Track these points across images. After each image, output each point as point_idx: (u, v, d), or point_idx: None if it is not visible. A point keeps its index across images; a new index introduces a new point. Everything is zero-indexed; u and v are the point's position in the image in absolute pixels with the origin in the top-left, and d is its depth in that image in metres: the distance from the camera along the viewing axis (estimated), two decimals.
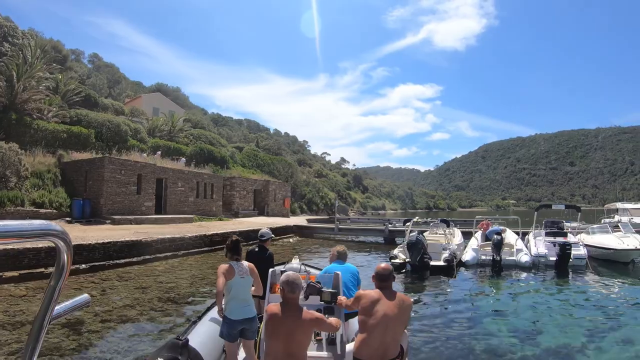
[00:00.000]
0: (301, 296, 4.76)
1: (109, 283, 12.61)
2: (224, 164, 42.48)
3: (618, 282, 15.46)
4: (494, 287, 14.63)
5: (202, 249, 20.20)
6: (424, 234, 19.41)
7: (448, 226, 21.63)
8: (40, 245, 12.67)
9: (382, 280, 4.44)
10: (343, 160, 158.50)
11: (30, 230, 1.08)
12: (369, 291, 4.42)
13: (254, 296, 5.58)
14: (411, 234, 17.17)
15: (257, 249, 7.61)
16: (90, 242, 14.76)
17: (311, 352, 4.48)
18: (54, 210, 21.49)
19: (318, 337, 4.89)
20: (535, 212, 23.82)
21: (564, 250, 17.21)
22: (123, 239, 16.05)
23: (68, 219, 21.21)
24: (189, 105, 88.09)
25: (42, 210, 20.86)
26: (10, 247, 12.08)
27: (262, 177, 45.68)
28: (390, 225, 29.91)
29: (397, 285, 11.88)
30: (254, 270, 5.55)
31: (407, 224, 21.92)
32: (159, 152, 34.41)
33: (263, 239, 7.75)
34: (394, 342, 4.22)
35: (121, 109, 44.93)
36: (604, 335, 9.04)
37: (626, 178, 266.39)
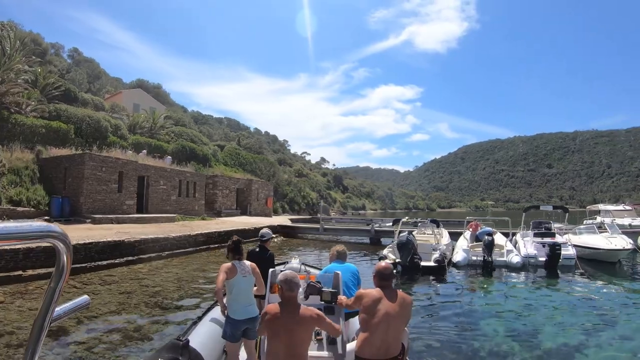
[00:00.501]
0: (301, 296, 4.83)
1: (91, 287, 11.99)
2: (206, 162, 41.83)
3: (608, 281, 15.74)
4: (488, 287, 14.65)
5: (187, 250, 19.65)
6: (412, 233, 19.14)
7: (438, 226, 21.53)
8: (18, 247, 11.97)
9: (383, 279, 4.48)
10: (323, 160, 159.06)
11: (30, 232, 1.07)
12: (370, 290, 4.45)
13: (255, 296, 5.60)
14: (401, 234, 17.09)
15: (257, 249, 7.60)
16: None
17: (312, 352, 4.45)
18: (32, 209, 20.59)
19: (319, 337, 4.86)
20: (524, 213, 24.26)
21: (554, 250, 17.34)
22: (105, 240, 15.38)
23: (46, 217, 20.24)
24: (170, 102, 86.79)
25: (20, 209, 19.95)
26: None
27: (244, 176, 45.07)
28: (376, 225, 29.72)
29: None
30: (256, 269, 5.59)
31: (396, 224, 21.83)
32: (144, 152, 33.63)
33: (264, 239, 7.80)
34: (395, 340, 4.27)
35: (101, 104, 43.82)
36: (601, 333, 9.25)
37: (603, 180, 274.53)
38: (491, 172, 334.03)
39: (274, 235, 7.92)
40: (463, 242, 20.64)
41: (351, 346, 4.64)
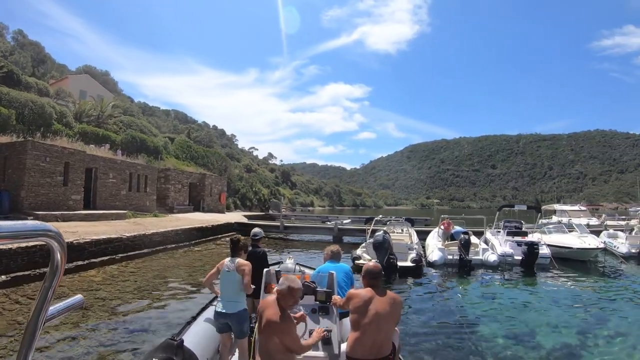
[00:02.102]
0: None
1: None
2: (157, 155, 39.37)
3: (585, 279, 16.23)
4: (470, 287, 14.77)
5: (142, 251, 17.87)
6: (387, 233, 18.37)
7: (412, 225, 21.05)
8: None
9: (373, 278, 4.47)
10: (271, 155, 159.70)
11: (24, 231, 1.09)
12: (361, 290, 4.45)
13: (248, 296, 5.73)
14: (376, 234, 16.35)
15: (250, 248, 7.42)
16: (10, 245, 12.02)
17: (307, 352, 4.34)
18: None
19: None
20: (497, 212, 24.70)
21: (532, 249, 17.61)
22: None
23: None
24: (118, 91, 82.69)
25: None
26: None
27: (197, 170, 43.02)
28: (339, 223, 29.18)
29: None
30: (243, 268, 5.54)
31: (369, 222, 21.62)
32: (107, 145, 31.19)
33: (256, 238, 8.03)
34: (386, 340, 4.25)
35: (46, 89, 40.55)
36: (594, 328, 9.60)
37: (545, 182, 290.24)
38: (437, 171, 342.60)
39: (264, 235, 8.61)
40: (435, 241, 20.58)
41: (345, 346, 4.58)
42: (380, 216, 22.74)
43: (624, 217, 41.85)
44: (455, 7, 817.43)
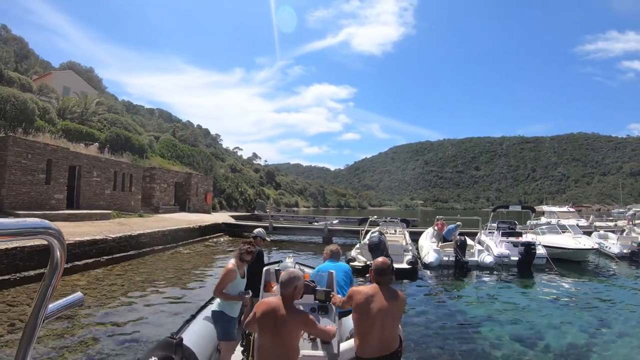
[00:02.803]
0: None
1: (16, 313, 9.26)
2: (142, 153, 38.30)
3: (583, 279, 16.30)
4: (468, 289, 14.63)
5: (129, 253, 17.14)
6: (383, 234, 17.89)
7: (408, 226, 20.66)
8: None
9: (381, 274, 4.39)
10: (255, 155, 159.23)
11: (25, 228, 1.07)
12: (363, 287, 4.41)
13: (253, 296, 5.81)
14: (372, 235, 16.11)
15: None
16: None
17: (306, 352, 4.40)
18: None
19: (312, 337, 4.66)
20: (492, 213, 24.88)
21: (530, 250, 17.60)
22: (32, 243, 12.55)
23: None
24: (102, 89, 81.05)
25: None
26: None
27: (183, 169, 42.07)
28: (329, 224, 28.76)
29: None
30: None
31: (364, 223, 21.33)
32: (96, 144, 30.17)
33: (256, 238, 8.07)
34: (393, 335, 4.24)
35: (29, 85, 39.13)
36: (599, 328, 9.56)
37: (528, 183, 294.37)
38: (420, 172, 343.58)
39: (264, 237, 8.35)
40: (429, 242, 20.47)
41: (345, 345, 4.66)
42: (375, 217, 22.26)
43: (611, 218, 43.24)
44: (442, 10, 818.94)
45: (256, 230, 8.24)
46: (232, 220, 34.00)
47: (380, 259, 4.61)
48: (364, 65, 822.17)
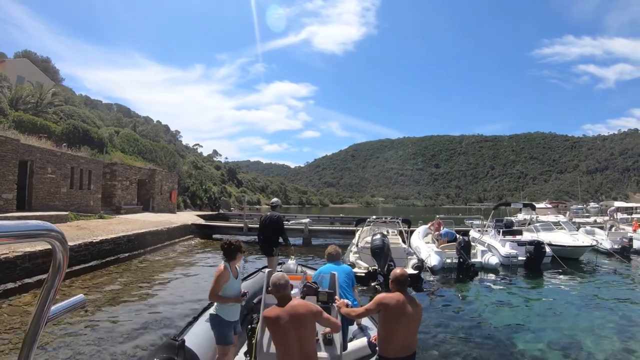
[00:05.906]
0: (298, 296, 4.84)
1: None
2: (102, 148, 35.15)
3: (593, 278, 15.88)
4: (480, 293, 13.70)
5: (90, 264, 14.60)
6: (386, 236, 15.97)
7: (409, 226, 18.96)
8: None
9: (400, 284, 4.53)
10: (215, 152, 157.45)
11: (27, 230, 1.09)
12: (393, 294, 4.48)
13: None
14: (375, 237, 14.27)
15: (269, 213, 9.86)
16: None
17: None
18: None
19: (316, 337, 4.60)
20: (493, 210, 24.23)
21: (539, 249, 17.20)
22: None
23: None
24: (59, 80, 76.50)
25: None
26: None
27: (146, 165, 39.12)
28: (309, 224, 27.26)
29: (366, 299, 9.37)
30: None
31: (361, 224, 19.93)
32: (64, 145, 27.09)
33: (274, 205, 10.36)
34: (414, 338, 4.49)
35: None
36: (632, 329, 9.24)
37: (487, 181, 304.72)
38: (381, 170, 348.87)
39: (281, 204, 9.40)
40: (422, 243, 19.38)
41: (351, 346, 5.15)
42: (374, 217, 20.24)
43: (587, 214, 44.45)
44: (403, 11, 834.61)
45: (274, 200, 10.33)
46: (201, 221, 31.52)
47: (398, 270, 4.72)
48: (325, 64, 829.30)
